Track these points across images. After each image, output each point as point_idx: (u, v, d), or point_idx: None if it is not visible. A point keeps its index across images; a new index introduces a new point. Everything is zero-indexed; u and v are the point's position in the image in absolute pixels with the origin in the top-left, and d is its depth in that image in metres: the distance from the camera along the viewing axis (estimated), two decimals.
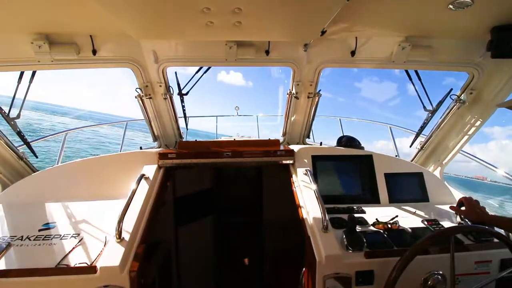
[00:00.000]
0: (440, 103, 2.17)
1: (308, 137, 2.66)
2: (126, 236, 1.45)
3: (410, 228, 1.69)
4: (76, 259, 1.37)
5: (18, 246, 1.47)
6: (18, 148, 2.10)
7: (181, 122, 2.54)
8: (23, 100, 2.02)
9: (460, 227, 1.55)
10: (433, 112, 2.22)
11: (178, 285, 2.72)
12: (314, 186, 1.73)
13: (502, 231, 1.45)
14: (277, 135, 2.70)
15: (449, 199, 2.04)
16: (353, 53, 1.89)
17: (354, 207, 1.92)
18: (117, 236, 1.42)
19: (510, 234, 1.50)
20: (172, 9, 1.19)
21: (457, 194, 2.08)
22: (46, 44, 1.67)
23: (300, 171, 2.01)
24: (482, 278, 1.40)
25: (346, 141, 2.68)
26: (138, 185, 1.70)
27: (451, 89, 2.08)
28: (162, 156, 2.09)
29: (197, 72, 2.16)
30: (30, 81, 1.95)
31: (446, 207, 1.80)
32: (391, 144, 3.42)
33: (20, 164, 2.13)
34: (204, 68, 2.14)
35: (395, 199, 2.03)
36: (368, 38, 1.84)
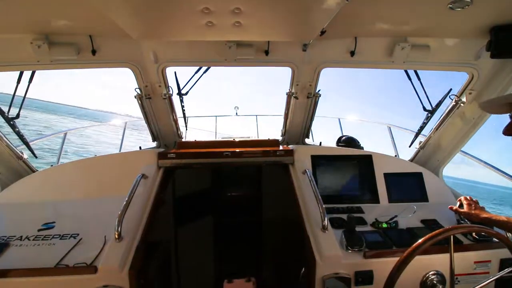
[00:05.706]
0: (440, 103, 2.17)
1: (308, 137, 2.66)
2: (125, 236, 1.46)
3: (409, 228, 1.69)
4: (75, 259, 1.37)
5: (18, 246, 1.47)
6: (17, 148, 2.09)
7: (181, 122, 2.54)
8: (22, 100, 2.01)
9: (459, 227, 1.54)
10: (433, 112, 2.22)
11: (177, 284, 2.72)
12: (313, 186, 1.73)
13: (501, 231, 1.45)
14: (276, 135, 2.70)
15: (448, 199, 2.04)
16: (352, 53, 1.89)
17: (354, 207, 1.92)
18: (117, 236, 1.42)
19: (509, 234, 1.50)
20: (172, 10, 1.19)
21: (456, 194, 2.08)
22: (46, 44, 1.66)
23: (300, 171, 2.01)
24: (481, 278, 1.40)
25: (346, 141, 2.69)
26: (137, 185, 1.70)
27: (450, 89, 2.08)
28: (161, 156, 2.09)
29: (196, 72, 2.16)
30: (30, 81, 1.95)
31: (445, 207, 1.80)
32: (390, 144, 3.42)
33: (19, 164, 2.13)
34: (204, 68, 2.14)
35: (394, 199, 2.03)
36: (367, 38, 1.83)
